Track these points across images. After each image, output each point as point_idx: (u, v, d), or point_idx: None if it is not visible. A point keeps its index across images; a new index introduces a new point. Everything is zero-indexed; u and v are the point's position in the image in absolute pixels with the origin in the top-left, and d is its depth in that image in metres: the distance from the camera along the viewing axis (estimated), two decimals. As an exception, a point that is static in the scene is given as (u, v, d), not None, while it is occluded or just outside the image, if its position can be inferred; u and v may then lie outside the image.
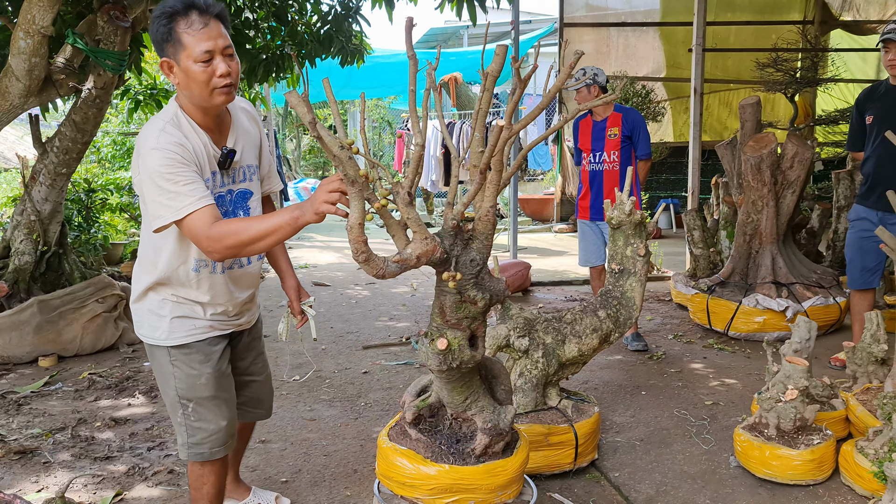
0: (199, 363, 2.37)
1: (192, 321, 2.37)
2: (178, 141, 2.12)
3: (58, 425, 3.92)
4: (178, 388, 2.38)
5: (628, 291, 3.46)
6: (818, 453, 3.06)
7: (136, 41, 5.69)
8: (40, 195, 5.17)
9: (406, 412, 2.52)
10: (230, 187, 2.35)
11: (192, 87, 2.12)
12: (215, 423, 2.41)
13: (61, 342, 5.07)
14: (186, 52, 2.08)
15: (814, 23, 11.33)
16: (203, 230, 2.07)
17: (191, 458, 2.43)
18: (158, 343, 2.37)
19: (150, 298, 2.38)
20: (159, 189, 2.08)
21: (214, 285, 2.37)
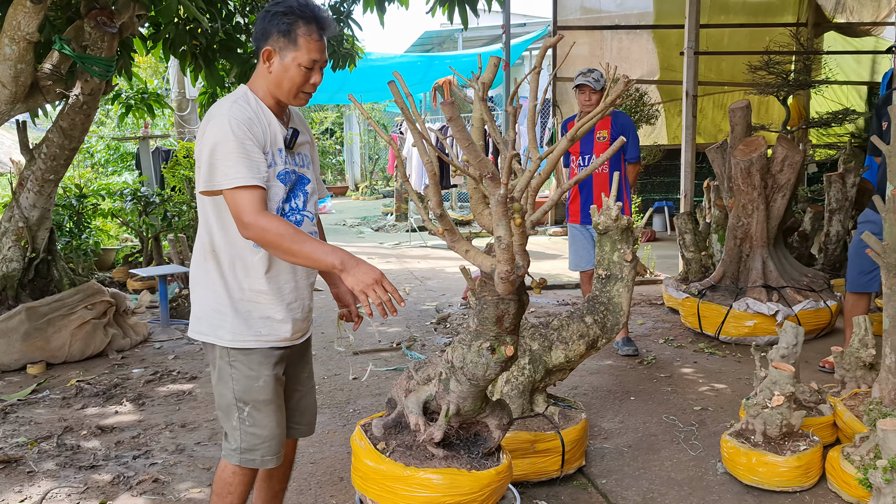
0: (259, 364, 2.33)
1: (258, 324, 2.31)
2: (249, 116, 2.21)
3: (44, 434, 3.90)
4: (235, 390, 2.34)
5: (615, 297, 3.44)
6: (804, 460, 3.05)
7: (126, 46, 5.68)
8: (28, 202, 5.15)
9: (436, 432, 2.43)
10: (294, 168, 2.36)
11: (283, 83, 2.25)
12: (270, 429, 2.35)
13: (50, 349, 5.05)
14: (297, 54, 2.22)
15: (807, 25, 11.35)
16: (252, 209, 2.12)
17: (242, 463, 2.35)
18: (220, 343, 2.33)
19: (212, 291, 2.32)
20: (220, 154, 2.15)
21: (276, 266, 2.32)
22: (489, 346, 2.30)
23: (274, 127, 2.30)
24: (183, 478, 3.39)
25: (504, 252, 1.95)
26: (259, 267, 2.28)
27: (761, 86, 8.03)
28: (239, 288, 2.30)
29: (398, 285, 7.92)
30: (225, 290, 2.30)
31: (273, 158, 2.28)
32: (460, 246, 2.16)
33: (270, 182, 2.26)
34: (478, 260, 2.14)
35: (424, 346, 5.48)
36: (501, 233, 1.94)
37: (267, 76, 2.28)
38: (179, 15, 5.78)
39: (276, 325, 2.33)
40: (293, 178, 2.35)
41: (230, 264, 2.29)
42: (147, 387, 4.64)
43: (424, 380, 2.62)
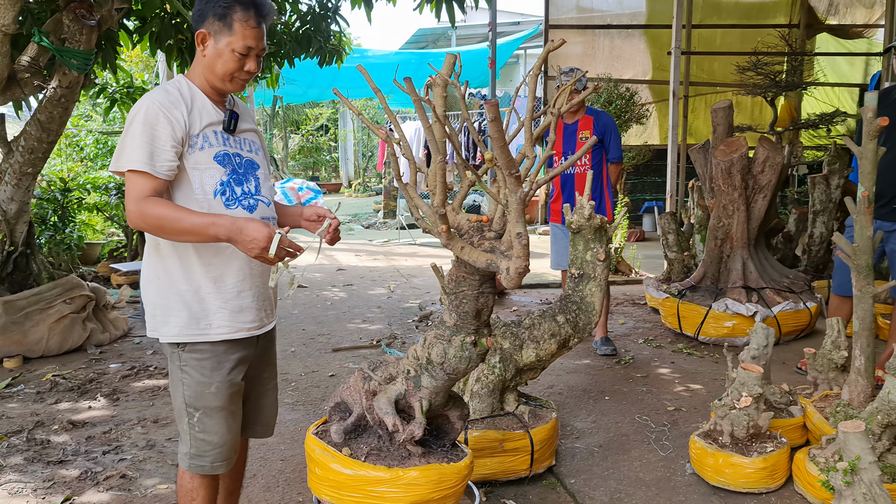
0: (211, 370, 2.25)
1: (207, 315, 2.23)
2: (171, 100, 2.15)
3: (14, 428, 3.88)
4: (185, 395, 2.26)
5: (588, 296, 3.43)
6: (770, 461, 3.04)
7: (110, 39, 5.65)
8: (6, 195, 5.12)
9: (416, 430, 2.40)
10: (238, 151, 2.29)
11: (216, 67, 2.20)
12: (220, 435, 2.28)
13: (27, 343, 5.03)
14: (231, 39, 2.16)
15: (799, 26, 11.36)
16: (136, 195, 2.07)
17: (191, 469, 2.30)
18: (165, 339, 2.26)
19: (157, 286, 2.26)
20: (128, 136, 2.11)
21: (221, 255, 2.22)
22: (473, 340, 2.31)
23: (207, 109, 2.23)
24: (151, 474, 3.38)
25: (524, 248, 1.97)
26: (203, 255, 2.21)
27: (749, 86, 8.03)
28: (184, 279, 2.22)
29: (384, 282, 7.91)
30: (170, 283, 2.23)
31: (207, 140, 2.21)
32: (455, 244, 2.17)
33: (204, 165, 2.19)
34: (473, 256, 2.15)
35: (405, 343, 5.46)
36: (521, 229, 1.97)
37: (200, 60, 2.22)
38: (165, 9, 5.77)
39: (225, 315, 2.24)
40: (237, 161, 2.27)
41: (173, 257, 2.22)
42: (122, 382, 4.63)
43: (387, 379, 2.60)
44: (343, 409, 2.58)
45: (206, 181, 2.19)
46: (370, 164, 21.65)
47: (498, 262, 2.08)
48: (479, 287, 2.33)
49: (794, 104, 11.22)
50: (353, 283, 7.89)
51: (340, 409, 2.59)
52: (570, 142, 5.11)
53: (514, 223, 2.02)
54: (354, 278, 8.20)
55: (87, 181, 8.04)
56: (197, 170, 2.18)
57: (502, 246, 2.15)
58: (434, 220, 2.13)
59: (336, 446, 2.50)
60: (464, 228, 2.34)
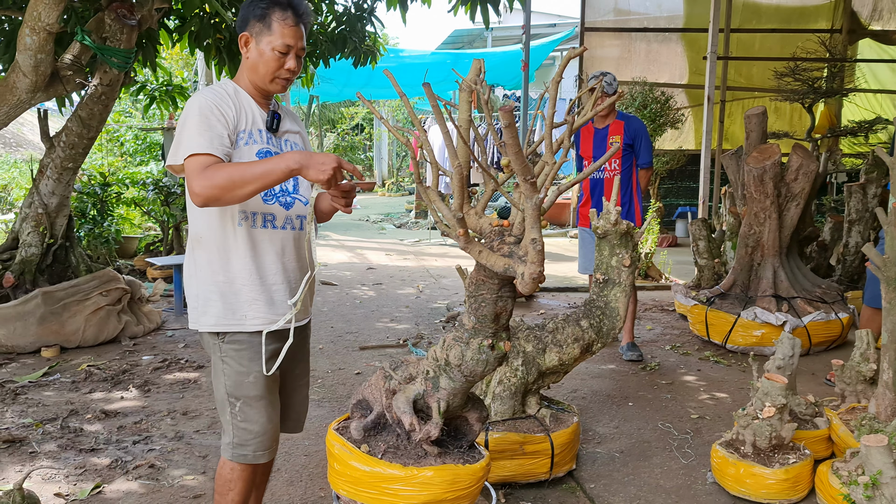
0: (249, 360, 2.32)
1: (242, 307, 2.30)
2: (220, 96, 2.25)
3: (49, 416, 4.00)
4: (227, 385, 2.34)
5: (612, 302, 3.43)
6: (793, 473, 3.02)
7: (150, 38, 5.78)
8: (47, 189, 5.28)
9: (432, 430, 2.43)
10: (279, 151, 2.35)
11: (259, 68, 2.29)
12: (261, 424, 2.35)
13: (64, 333, 5.17)
14: (271, 38, 2.26)
15: (841, 31, 11.15)
16: (197, 170, 2.12)
17: (234, 458, 2.35)
18: (203, 329, 2.34)
19: (197, 278, 2.34)
20: (185, 131, 2.18)
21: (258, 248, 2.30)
22: (490, 344, 2.34)
23: (253, 108, 2.33)
24: (179, 464, 3.46)
25: (539, 254, 1.99)
26: (239, 248, 2.28)
27: (787, 92, 7.92)
28: (222, 270, 2.29)
29: (413, 282, 7.96)
30: (209, 275, 2.30)
31: (252, 136, 2.30)
32: (474, 248, 2.20)
33: (245, 160, 2.24)
34: (490, 261, 2.17)
35: (431, 343, 5.50)
36: (535, 235, 1.99)
37: (245, 63, 2.32)
38: (204, 9, 5.88)
39: (261, 307, 2.31)
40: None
41: (213, 250, 2.29)
42: (154, 374, 4.73)
43: (407, 379, 2.63)
44: (364, 406, 2.63)
45: None
46: (404, 163, 21.74)
47: (515, 266, 2.11)
48: (497, 291, 2.35)
49: (834, 111, 11.03)
50: (382, 283, 7.95)
51: (361, 407, 2.63)
52: (600, 147, 5.11)
53: (529, 229, 2.04)
54: (384, 277, 8.27)
55: (126, 176, 8.24)
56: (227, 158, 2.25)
57: (520, 251, 2.17)
58: (452, 223, 2.16)
59: (355, 443, 2.54)
60: (485, 232, 2.37)
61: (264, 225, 2.32)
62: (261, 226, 2.32)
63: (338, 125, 23.14)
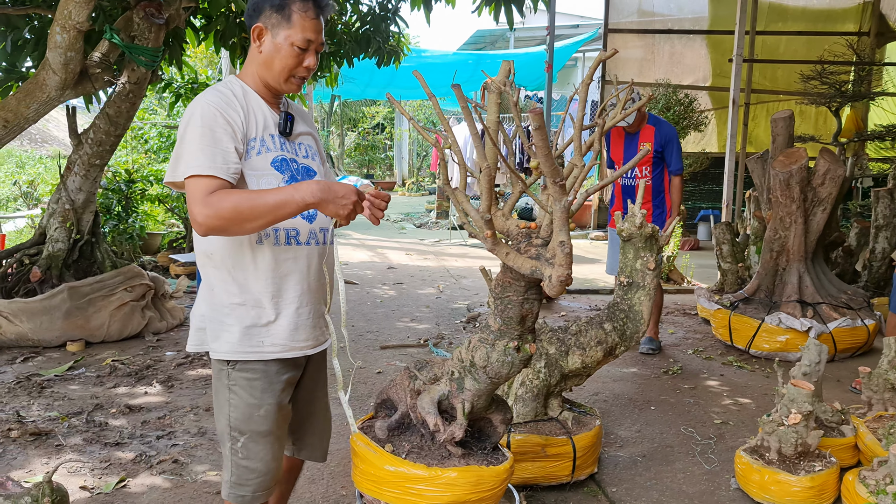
0: (262, 392, 2.10)
1: (260, 333, 2.09)
2: (226, 100, 2.02)
3: (75, 409, 4.05)
4: (231, 417, 2.10)
5: (636, 305, 3.41)
6: (818, 480, 2.99)
7: (177, 37, 5.83)
8: (75, 185, 5.34)
9: (457, 431, 2.42)
10: (294, 157, 2.15)
11: (274, 64, 2.07)
12: (265, 463, 2.13)
13: (89, 328, 5.23)
14: (290, 31, 2.04)
15: (869, 34, 11.02)
16: (199, 196, 1.89)
17: (231, 499, 2.14)
18: (216, 356, 2.10)
19: (209, 299, 2.11)
20: (185, 142, 1.96)
21: (281, 266, 2.09)
22: (516, 346, 2.33)
23: (263, 111, 2.10)
24: (202, 460, 3.48)
25: (567, 257, 1.98)
26: (260, 267, 2.07)
27: (814, 96, 7.84)
28: (239, 292, 2.07)
29: (433, 282, 7.97)
30: (223, 296, 2.07)
31: (264, 144, 2.08)
32: (500, 249, 2.20)
33: (261, 171, 2.04)
34: (518, 263, 2.17)
35: (452, 344, 5.50)
36: (564, 238, 1.98)
37: (256, 58, 2.08)
38: (230, 8, 5.92)
39: (280, 332, 2.11)
40: (294, 167, 2.12)
41: (227, 269, 2.07)
42: (177, 370, 4.78)
43: (432, 379, 2.64)
44: (388, 406, 2.63)
45: (263, 188, 2.02)
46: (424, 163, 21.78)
47: (542, 269, 2.10)
48: (524, 293, 2.35)
49: (861, 114, 10.89)
50: (403, 282, 7.96)
51: (386, 406, 2.64)
52: (631, 151, 5.12)
53: (557, 231, 2.03)
54: (404, 277, 8.28)
55: (151, 173, 8.31)
56: (254, 176, 2.03)
57: (547, 253, 2.17)
58: (480, 225, 2.16)
59: (379, 442, 2.55)
60: (512, 234, 2.37)
61: (288, 241, 2.10)
62: (284, 243, 2.09)
63: (359, 124, 23.22)
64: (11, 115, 4.51)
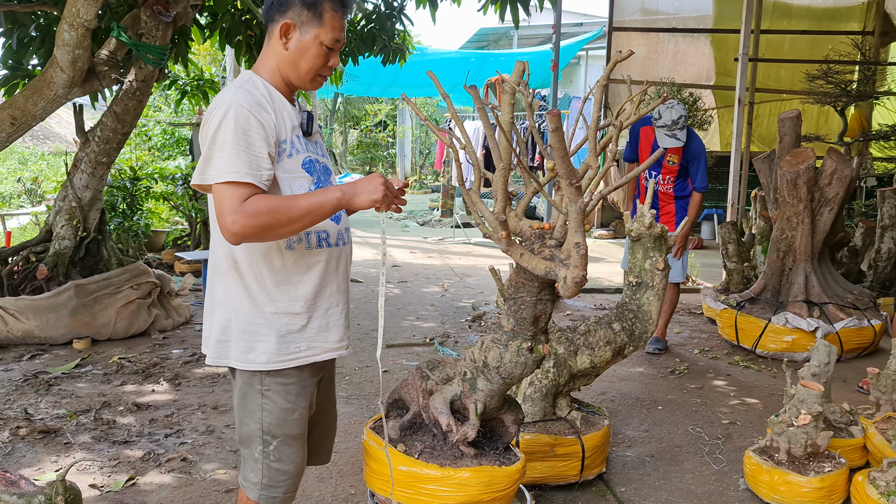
0: (297, 395, 2.08)
1: (296, 339, 2.06)
2: (257, 101, 1.95)
3: (83, 407, 4.06)
4: (264, 422, 2.07)
5: (645, 305, 3.41)
6: (828, 481, 2.99)
7: (183, 35, 5.84)
8: (81, 182, 5.34)
9: (469, 431, 2.42)
10: (317, 157, 2.11)
11: (301, 63, 2.02)
12: (296, 464, 2.14)
13: (95, 326, 5.24)
14: (321, 30, 2.00)
15: (874, 34, 10.99)
16: (233, 204, 1.84)
17: (262, 500, 2.12)
18: (252, 367, 2.05)
19: (237, 311, 2.03)
20: (217, 144, 1.89)
21: (314, 269, 2.06)
22: (529, 347, 2.33)
23: (289, 111, 2.05)
24: (210, 458, 3.49)
25: (582, 258, 1.98)
26: (291, 272, 2.03)
27: (819, 95, 7.82)
28: (271, 300, 2.02)
29: (438, 280, 7.97)
30: (254, 305, 2.02)
31: (294, 146, 2.03)
32: (515, 250, 2.20)
33: (293, 174, 2.01)
34: (532, 264, 2.17)
35: (457, 342, 5.51)
36: (579, 239, 1.98)
37: (280, 54, 2.02)
38: (235, 6, 5.93)
39: (317, 335, 2.09)
40: (318, 167, 2.09)
41: (256, 275, 2.02)
42: (184, 367, 4.78)
43: (444, 380, 2.64)
44: (400, 406, 2.63)
45: (296, 191, 1.99)
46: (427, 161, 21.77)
47: (556, 270, 2.10)
48: (537, 294, 2.35)
49: (865, 114, 10.88)
50: (407, 280, 7.97)
51: (398, 406, 2.64)
52: (657, 161, 5.10)
53: (573, 232, 2.03)
54: (409, 275, 8.28)
55: (155, 170, 8.31)
56: (286, 179, 1.99)
57: (562, 254, 2.17)
58: (495, 225, 2.16)
59: (392, 442, 2.55)
60: (525, 235, 2.37)
61: (319, 244, 2.07)
62: (315, 245, 2.06)
63: (361, 122, 23.21)
64: (19, 112, 4.52)
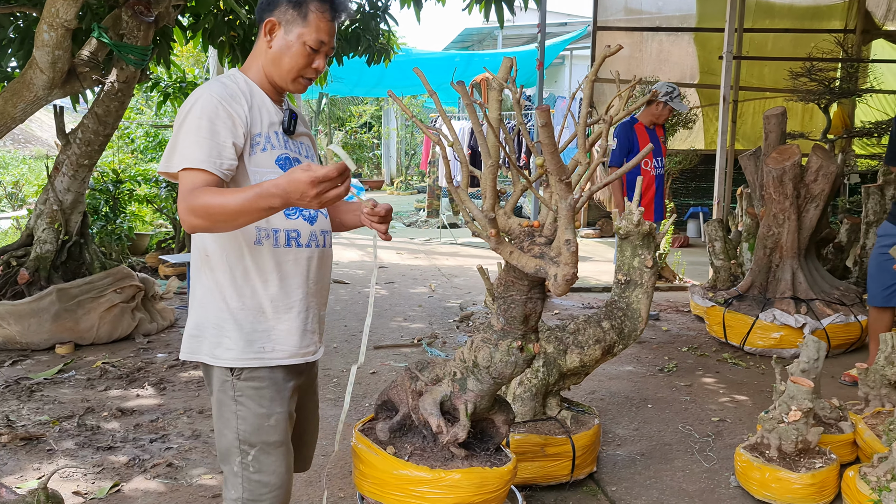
0: (271, 400, 2.02)
1: (261, 338, 2.01)
2: (230, 93, 1.94)
3: (66, 413, 3.99)
4: (239, 430, 2.00)
5: (634, 303, 3.40)
6: (819, 477, 2.99)
7: (165, 35, 5.77)
8: (63, 185, 5.27)
9: (460, 432, 2.38)
10: (297, 156, 2.08)
11: (283, 62, 2.00)
12: (279, 475, 2.04)
13: (78, 330, 5.16)
14: (304, 30, 1.98)
15: (855, 32, 11.07)
16: (186, 191, 1.82)
17: None
18: (219, 363, 2.00)
19: (206, 304, 2.02)
20: (182, 132, 1.88)
21: (283, 268, 2.02)
22: (520, 346, 2.31)
23: (268, 107, 2.03)
24: (196, 463, 3.44)
25: (573, 255, 1.95)
26: (260, 269, 2.00)
27: (803, 93, 7.86)
28: (238, 296, 1.99)
29: (425, 281, 7.94)
30: (223, 301, 1.99)
31: (269, 141, 2.01)
32: (504, 248, 2.17)
33: (265, 169, 1.97)
34: (522, 262, 2.14)
35: (445, 343, 5.48)
36: (569, 236, 1.96)
37: (265, 52, 2.02)
38: (218, 6, 5.87)
39: (283, 337, 2.04)
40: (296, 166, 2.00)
41: (224, 271, 1.99)
42: (169, 372, 4.72)
43: (433, 380, 2.61)
44: (389, 407, 2.60)
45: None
46: (413, 162, 21.74)
47: (546, 268, 2.08)
48: (527, 292, 2.33)
49: (848, 111, 10.95)
50: (394, 281, 7.93)
51: (387, 408, 2.60)
52: (655, 145, 5.65)
53: (563, 230, 2.01)
54: (396, 276, 8.24)
55: (138, 173, 8.22)
56: (258, 174, 1.96)
57: (552, 252, 2.14)
58: (484, 223, 2.13)
59: (381, 444, 2.52)
60: (515, 233, 2.34)
61: (288, 243, 2.03)
62: (284, 244, 2.02)
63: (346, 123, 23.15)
64: (-2, 114, 4.44)
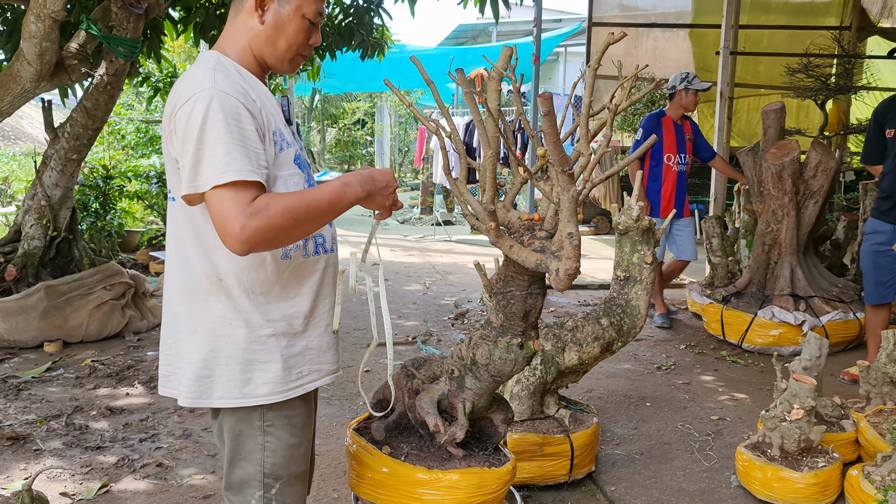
0: (303, 428, 1.83)
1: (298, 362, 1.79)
2: (236, 85, 1.64)
3: (54, 412, 3.91)
4: (266, 464, 1.77)
5: (633, 299, 3.34)
6: (822, 477, 2.93)
7: (155, 29, 5.68)
8: (51, 180, 5.18)
9: (458, 432, 2.31)
10: (300, 151, 1.84)
11: (279, 40, 1.75)
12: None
13: (67, 328, 5.08)
14: (301, 2, 1.73)
15: (850, 28, 11.05)
16: (239, 208, 1.51)
17: None
18: (251, 402, 1.74)
19: (227, 338, 1.72)
20: (205, 141, 1.56)
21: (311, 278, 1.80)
22: (519, 343, 2.25)
23: (270, 98, 1.77)
24: (187, 463, 3.37)
25: (575, 249, 1.89)
26: (290, 284, 1.76)
27: (799, 89, 7.82)
28: (267, 321, 1.73)
29: (419, 278, 7.88)
30: (248, 328, 1.72)
31: (283, 138, 1.75)
32: (504, 242, 2.11)
33: (289, 170, 1.74)
34: (522, 256, 2.08)
35: (440, 341, 5.42)
36: (572, 229, 1.90)
37: (253, 30, 1.74)
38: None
39: (318, 356, 1.85)
40: (305, 163, 1.85)
41: (247, 291, 1.71)
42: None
43: (430, 378, 2.55)
44: (385, 406, 2.53)
45: (291, 189, 1.72)
46: (406, 159, 21.66)
47: (548, 262, 2.01)
48: (527, 287, 2.26)
49: (843, 108, 10.94)
50: (388, 279, 7.86)
51: (381, 406, 2.54)
52: (681, 141, 5.70)
53: (565, 223, 1.94)
54: (390, 273, 8.18)
55: (129, 169, 8.12)
56: (280, 178, 1.71)
57: (553, 246, 2.08)
58: (483, 216, 2.07)
59: (377, 444, 2.46)
60: (514, 226, 2.28)
61: (317, 251, 1.82)
62: (313, 253, 1.81)
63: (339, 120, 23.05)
64: (-16, 107, 4.36)
